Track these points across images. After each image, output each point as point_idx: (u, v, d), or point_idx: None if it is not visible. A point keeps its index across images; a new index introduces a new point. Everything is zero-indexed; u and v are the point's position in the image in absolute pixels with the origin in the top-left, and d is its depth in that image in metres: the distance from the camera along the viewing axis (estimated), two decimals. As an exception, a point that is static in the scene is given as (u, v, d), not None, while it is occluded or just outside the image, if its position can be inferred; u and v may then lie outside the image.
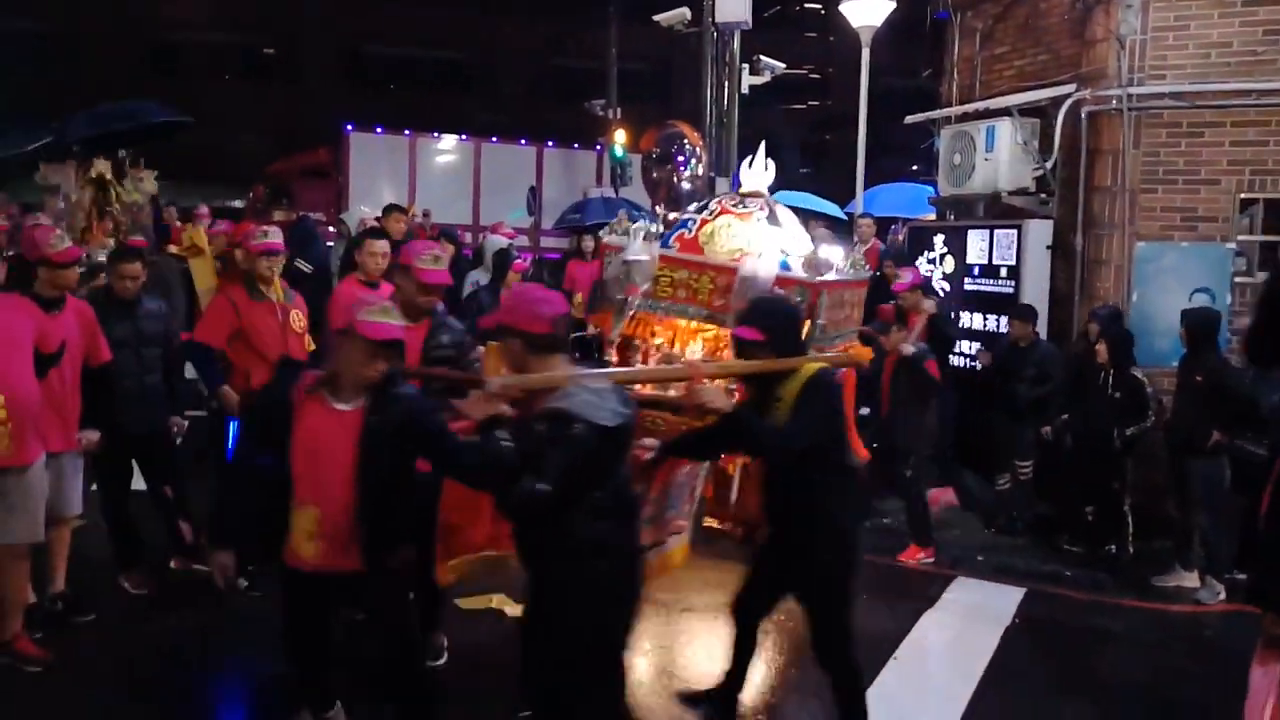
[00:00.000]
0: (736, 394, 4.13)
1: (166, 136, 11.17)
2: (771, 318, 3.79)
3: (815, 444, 3.66)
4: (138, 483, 5.75)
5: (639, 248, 4.55)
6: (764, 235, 4.62)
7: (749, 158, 4.89)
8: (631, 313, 4.62)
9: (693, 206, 7.53)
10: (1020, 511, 7.49)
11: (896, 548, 6.79)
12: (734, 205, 4.74)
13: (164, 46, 26.07)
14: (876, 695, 4.66)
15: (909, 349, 6.70)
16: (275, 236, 5.73)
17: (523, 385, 3.20)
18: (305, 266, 8.29)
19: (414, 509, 3.62)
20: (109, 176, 7.95)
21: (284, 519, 3.44)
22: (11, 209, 11.37)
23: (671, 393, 4.24)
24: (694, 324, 4.71)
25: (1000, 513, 7.57)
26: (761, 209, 4.70)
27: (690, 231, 4.71)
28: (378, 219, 10.85)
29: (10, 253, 5.64)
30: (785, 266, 4.51)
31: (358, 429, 3.36)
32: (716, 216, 4.69)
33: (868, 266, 5.06)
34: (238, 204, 18.85)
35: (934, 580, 6.34)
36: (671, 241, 4.74)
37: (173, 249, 7.02)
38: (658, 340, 4.88)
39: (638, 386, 4.17)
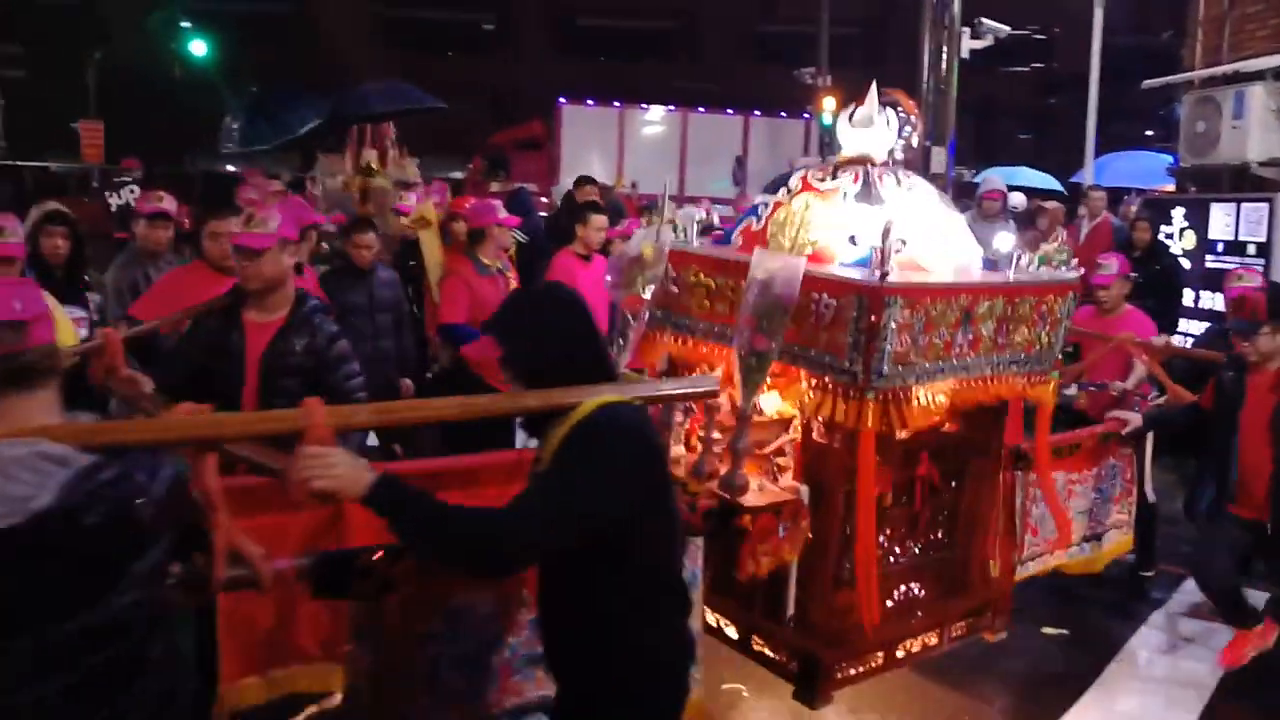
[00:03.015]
0: None
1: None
2: (509, 322, 2.39)
3: (587, 544, 2.16)
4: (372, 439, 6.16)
5: (641, 238, 3.27)
6: (846, 219, 3.30)
7: (851, 107, 3.51)
8: (640, 331, 3.39)
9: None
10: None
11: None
12: (819, 180, 3.46)
13: (390, 22, 27.66)
14: (1093, 700, 4.47)
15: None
16: (501, 211, 6.06)
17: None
18: (521, 236, 8.60)
19: None
20: (375, 165, 8.79)
21: None
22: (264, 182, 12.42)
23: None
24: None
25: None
26: (855, 181, 3.39)
27: (759, 221, 3.49)
28: (592, 183, 11.18)
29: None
30: (864, 262, 3.09)
31: None
32: (795, 196, 3.45)
33: (1074, 261, 3.65)
34: (457, 175, 19.74)
35: (1164, 580, 5.93)
36: (735, 237, 3.60)
37: (403, 221, 7.48)
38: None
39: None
